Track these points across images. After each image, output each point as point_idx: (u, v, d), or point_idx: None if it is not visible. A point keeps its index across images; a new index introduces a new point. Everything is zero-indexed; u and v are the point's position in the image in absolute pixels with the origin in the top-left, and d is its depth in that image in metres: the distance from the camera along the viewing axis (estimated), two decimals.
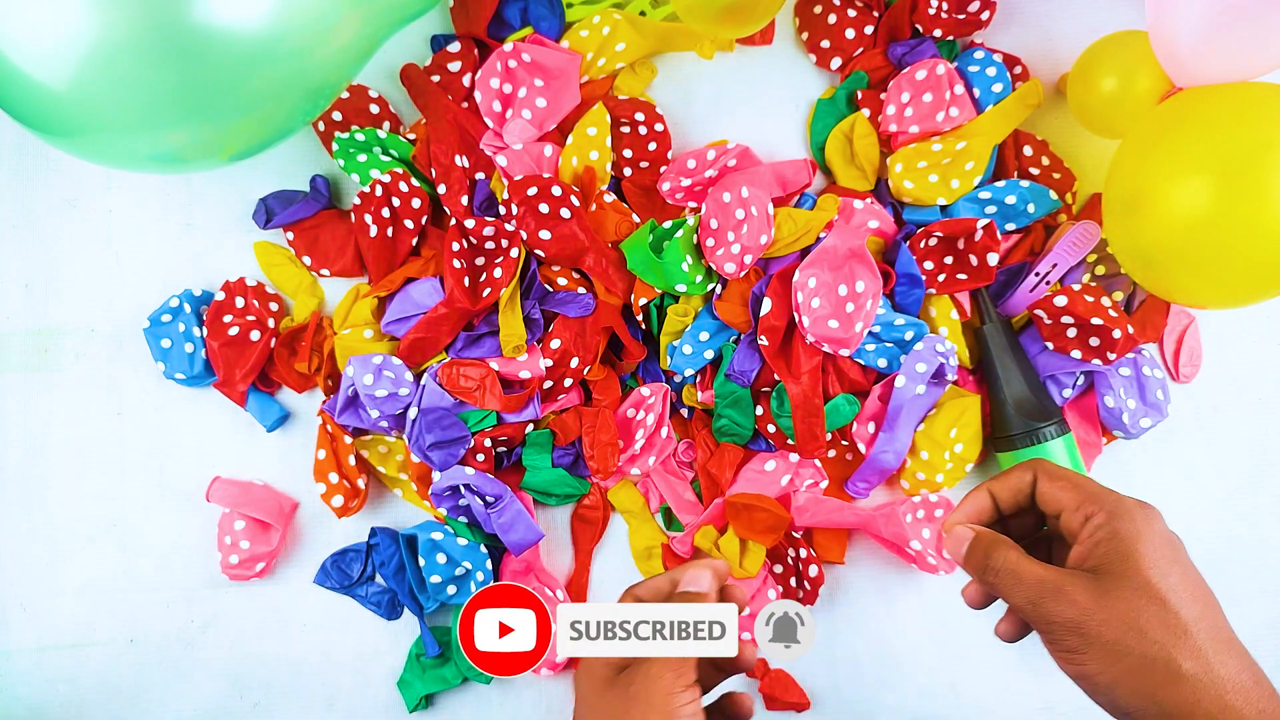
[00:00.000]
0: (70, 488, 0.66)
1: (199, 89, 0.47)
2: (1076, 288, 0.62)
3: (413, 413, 0.61)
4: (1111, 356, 0.62)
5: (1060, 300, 0.61)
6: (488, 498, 0.61)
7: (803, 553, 0.63)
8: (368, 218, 0.63)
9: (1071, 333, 0.62)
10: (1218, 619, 0.38)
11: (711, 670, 0.48)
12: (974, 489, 0.46)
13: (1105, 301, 0.62)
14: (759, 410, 0.63)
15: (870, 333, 0.63)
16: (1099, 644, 0.37)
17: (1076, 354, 0.62)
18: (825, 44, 0.67)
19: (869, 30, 0.67)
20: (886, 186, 0.66)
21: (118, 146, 0.50)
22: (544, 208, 0.62)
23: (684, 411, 0.66)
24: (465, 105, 0.66)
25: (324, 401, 0.65)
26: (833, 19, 0.67)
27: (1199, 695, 0.36)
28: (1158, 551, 0.38)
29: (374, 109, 0.66)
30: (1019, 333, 0.66)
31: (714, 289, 0.64)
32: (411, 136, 0.67)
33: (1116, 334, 0.60)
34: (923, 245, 0.63)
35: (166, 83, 0.47)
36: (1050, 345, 0.63)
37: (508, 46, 0.64)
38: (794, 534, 0.64)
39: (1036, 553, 0.42)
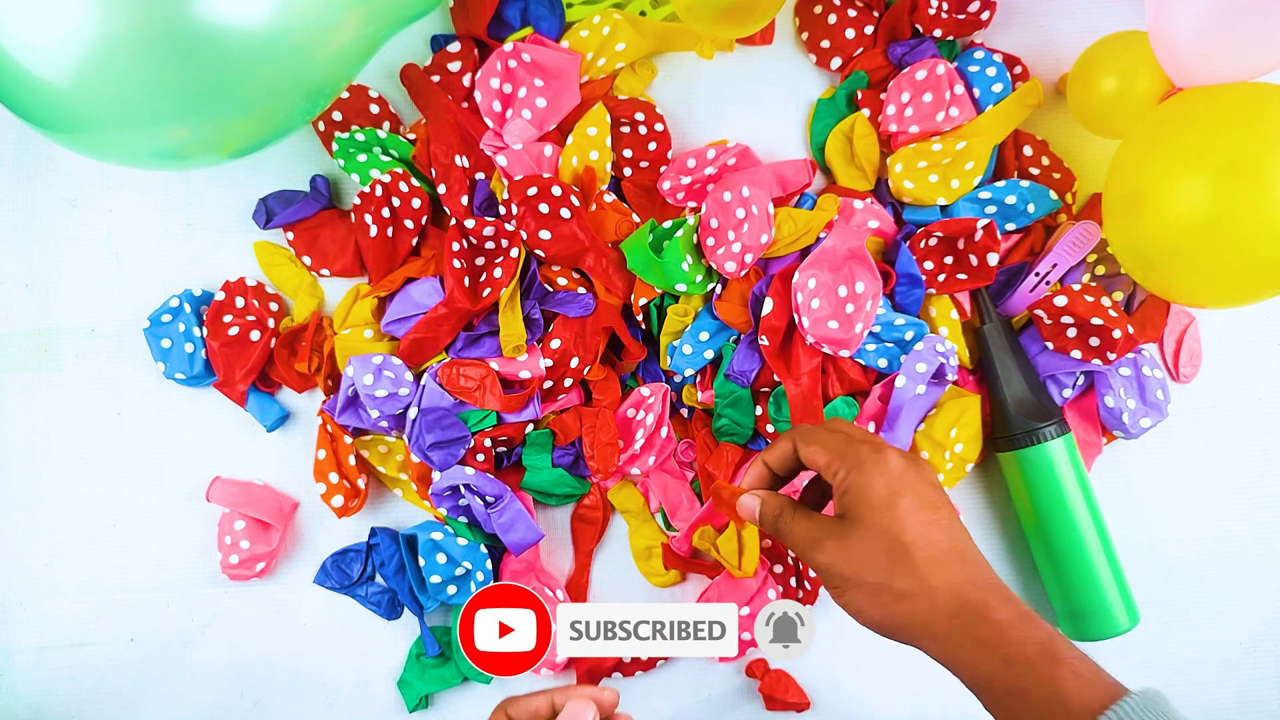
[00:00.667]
0: (70, 488, 0.66)
1: (200, 86, 0.47)
2: (1076, 288, 0.62)
3: (413, 413, 0.61)
4: (1111, 356, 0.62)
5: (1060, 300, 0.61)
6: (488, 498, 0.61)
7: None
8: (368, 218, 0.63)
9: (1071, 333, 0.62)
10: (937, 535, 0.44)
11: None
12: (751, 461, 0.52)
13: (1105, 301, 0.62)
14: (759, 410, 0.63)
15: (870, 333, 0.63)
16: (846, 580, 0.44)
17: (1076, 354, 0.62)
18: (825, 44, 0.67)
19: (869, 30, 0.67)
20: (886, 186, 0.66)
21: (119, 143, 0.50)
22: (544, 208, 0.62)
23: (684, 411, 0.66)
24: (465, 105, 0.66)
25: (324, 401, 0.65)
26: (833, 19, 0.67)
27: (915, 607, 0.42)
28: (885, 489, 0.44)
29: (374, 109, 0.66)
30: (1019, 333, 0.66)
31: (714, 289, 0.64)
32: (411, 136, 0.67)
33: (1116, 334, 0.60)
34: (923, 245, 0.63)
35: (168, 80, 0.47)
36: (1050, 345, 0.63)
37: (508, 46, 0.64)
38: None
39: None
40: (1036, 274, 0.64)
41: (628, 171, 0.66)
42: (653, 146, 0.66)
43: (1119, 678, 0.41)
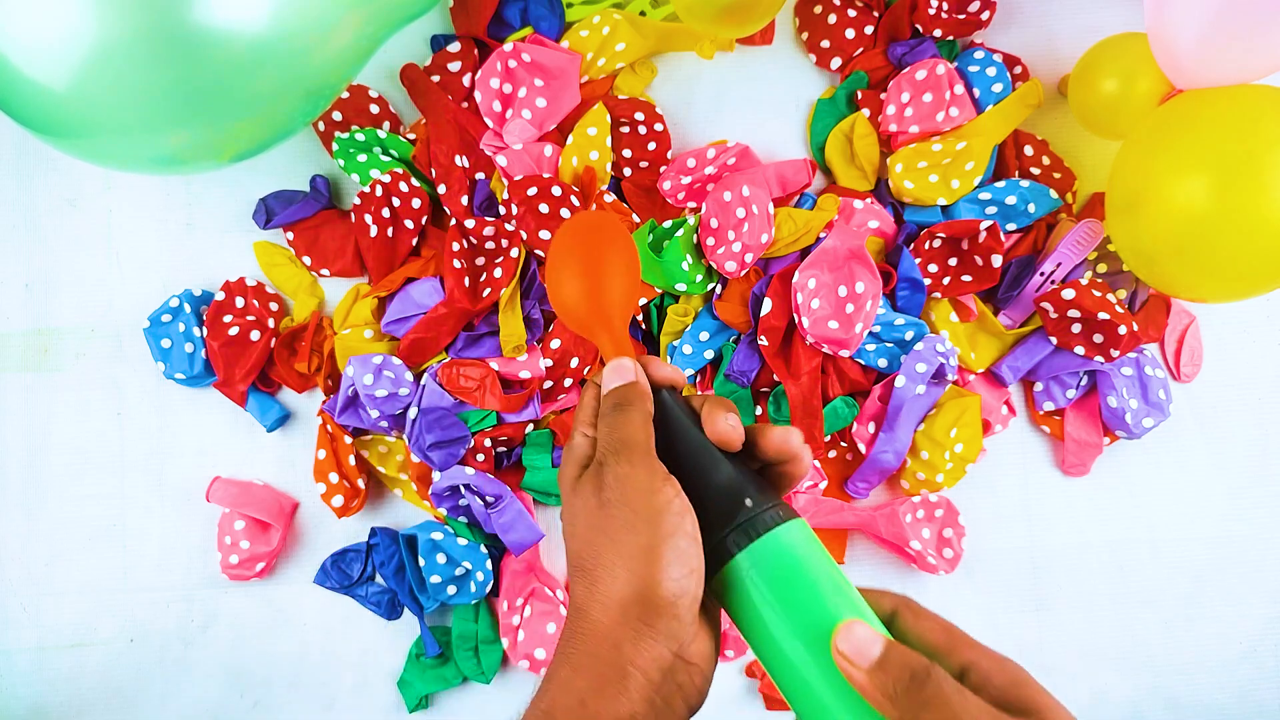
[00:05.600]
0: (70, 488, 0.66)
1: (199, 90, 0.47)
2: (1083, 283, 0.62)
3: (413, 413, 0.61)
4: (1115, 353, 0.62)
5: (1068, 294, 0.61)
6: (488, 498, 0.61)
7: None
8: (368, 218, 0.63)
9: (1076, 328, 0.62)
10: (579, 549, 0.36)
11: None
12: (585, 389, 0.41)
13: (1111, 298, 0.62)
14: (759, 410, 0.63)
15: (870, 333, 0.63)
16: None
17: (1080, 350, 0.62)
18: (825, 44, 0.67)
19: (869, 30, 0.67)
20: (886, 186, 0.66)
21: (118, 148, 0.50)
22: (544, 208, 0.62)
23: None
24: (465, 105, 0.66)
25: (324, 401, 0.65)
26: (833, 19, 0.67)
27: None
28: (570, 521, 0.37)
29: (374, 109, 0.66)
30: (1026, 337, 0.65)
31: (714, 289, 0.64)
32: (411, 136, 0.67)
33: (1122, 330, 0.60)
34: (926, 247, 0.63)
35: (167, 84, 0.47)
36: (1054, 341, 0.63)
37: (508, 46, 0.64)
38: None
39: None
40: (1041, 273, 0.64)
41: (628, 171, 0.66)
42: (653, 146, 0.65)
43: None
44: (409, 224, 0.64)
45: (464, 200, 0.65)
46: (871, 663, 0.30)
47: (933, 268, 0.64)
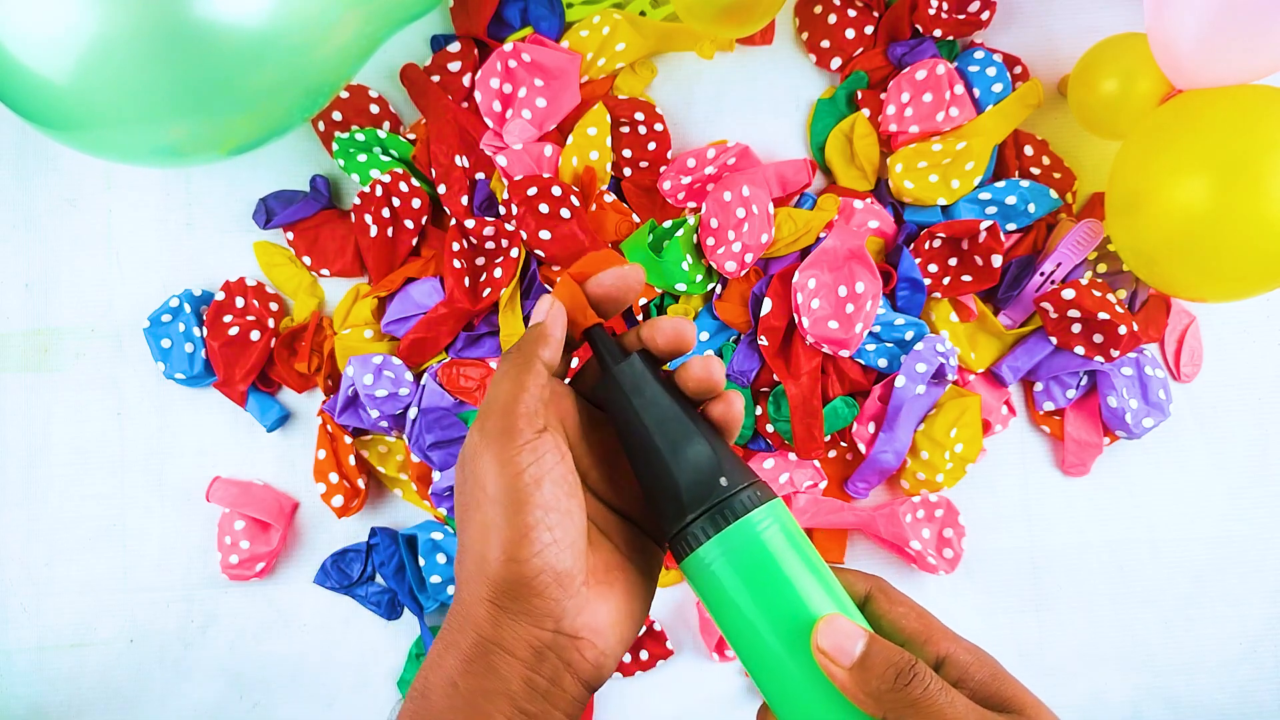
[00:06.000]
0: (70, 488, 0.66)
1: (199, 84, 0.47)
2: (1083, 283, 0.62)
3: (413, 413, 0.61)
4: (1115, 353, 0.62)
5: (1068, 294, 0.61)
6: None
7: None
8: (368, 218, 0.63)
9: (1076, 328, 0.62)
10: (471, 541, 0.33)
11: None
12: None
13: (1111, 298, 0.62)
14: (758, 410, 0.63)
15: (870, 333, 0.63)
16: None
17: (1080, 350, 0.62)
18: (825, 44, 0.67)
19: (869, 30, 0.67)
20: (886, 186, 0.66)
21: (118, 140, 0.50)
22: (544, 208, 0.62)
23: None
24: (465, 105, 0.66)
25: (324, 401, 0.65)
26: (833, 19, 0.67)
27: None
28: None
29: (374, 109, 0.66)
30: (1026, 337, 0.65)
31: (714, 289, 0.64)
32: (411, 136, 0.67)
33: (1122, 330, 0.60)
34: (926, 247, 0.63)
35: (167, 77, 0.47)
36: (1054, 341, 0.63)
37: (508, 46, 0.64)
38: None
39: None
40: (1041, 274, 0.64)
41: (628, 171, 0.66)
42: (653, 146, 0.65)
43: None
44: (409, 224, 0.65)
45: (464, 200, 0.65)
46: (853, 661, 0.29)
47: (933, 268, 0.64)
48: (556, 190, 0.61)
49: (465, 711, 0.31)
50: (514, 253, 0.62)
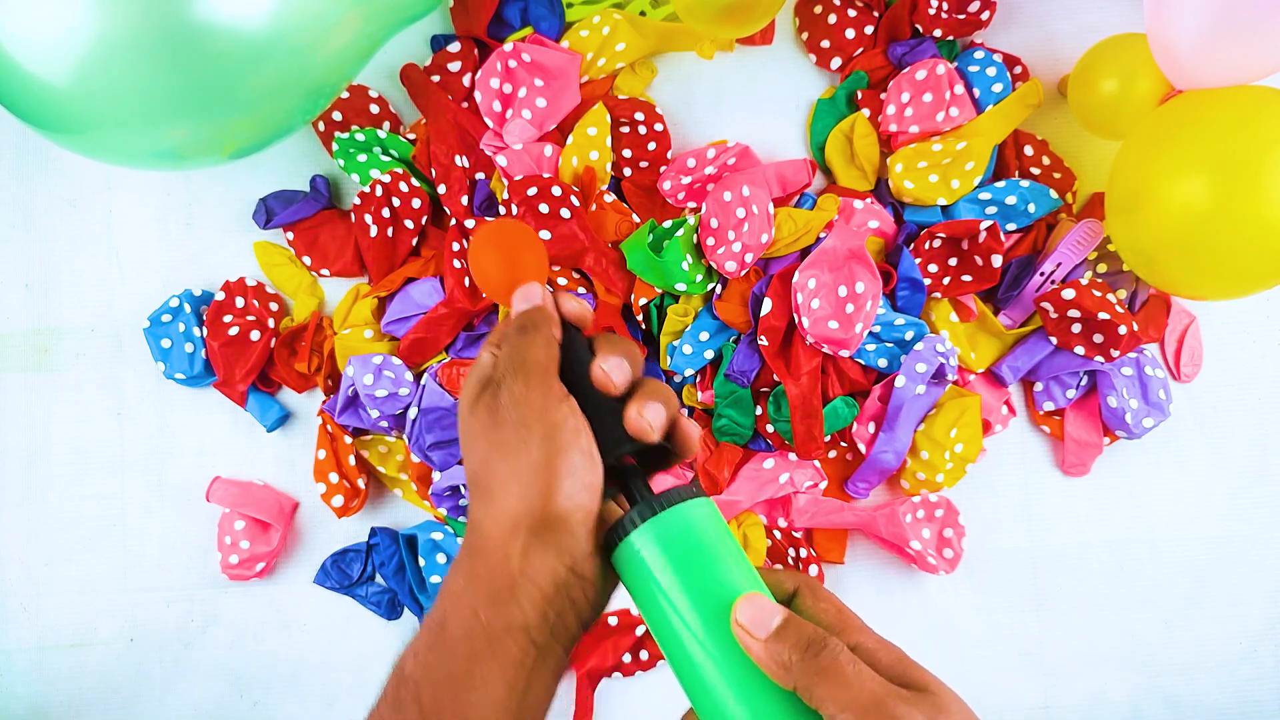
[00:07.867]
0: (70, 488, 0.66)
1: (199, 86, 0.48)
2: (1083, 282, 0.62)
3: (413, 413, 0.61)
4: (1115, 353, 0.62)
5: (1068, 294, 0.61)
6: None
7: (803, 552, 0.62)
8: (368, 218, 0.63)
9: (1076, 328, 0.62)
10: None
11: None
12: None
13: (1111, 298, 0.62)
14: (759, 410, 0.63)
15: (870, 333, 0.63)
16: None
17: (1080, 350, 0.62)
18: (825, 44, 0.67)
19: (869, 30, 0.67)
20: (886, 186, 0.66)
21: (119, 143, 0.50)
22: (544, 208, 0.62)
23: (684, 411, 0.66)
24: (465, 105, 0.66)
25: (324, 401, 0.65)
26: (833, 19, 0.67)
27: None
28: (469, 441, 0.36)
29: (374, 109, 0.66)
30: (1026, 337, 0.65)
31: (714, 289, 0.64)
32: (411, 136, 0.67)
33: (1122, 330, 0.60)
34: (926, 247, 0.63)
35: (167, 80, 0.47)
36: (1054, 341, 0.63)
37: (508, 46, 0.64)
38: (794, 534, 0.64)
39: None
40: (1041, 273, 0.64)
41: (628, 171, 0.66)
42: (653, 146, 0.65)
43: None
44: (409, 224, 0.65)
45: (464, 200, 0.65)
46: (769, 633, 0.31)
47: (933, 268, 0.64)
48: (556, 190, 0.61)
49: (483, 639, 0.33)
50: None
